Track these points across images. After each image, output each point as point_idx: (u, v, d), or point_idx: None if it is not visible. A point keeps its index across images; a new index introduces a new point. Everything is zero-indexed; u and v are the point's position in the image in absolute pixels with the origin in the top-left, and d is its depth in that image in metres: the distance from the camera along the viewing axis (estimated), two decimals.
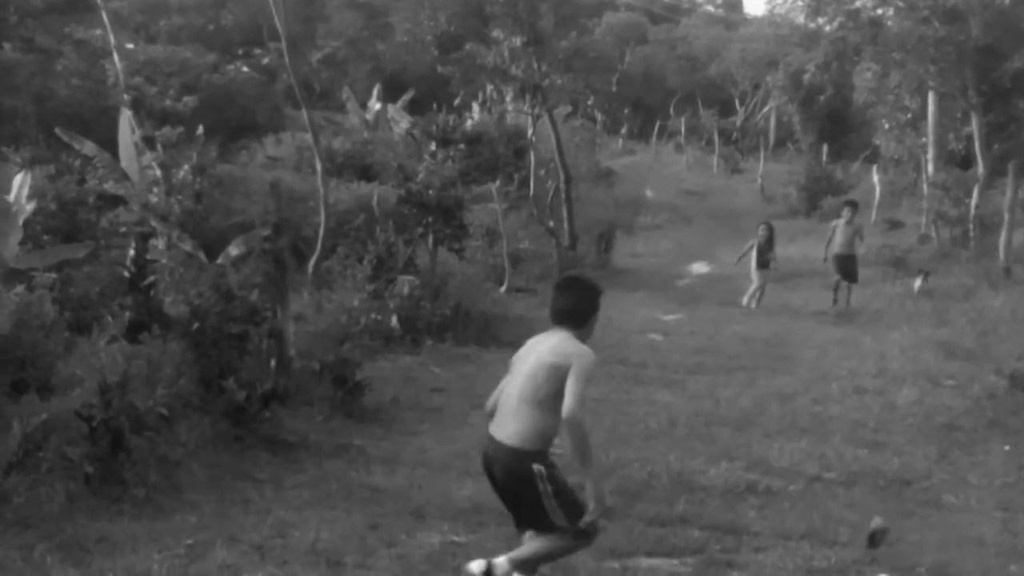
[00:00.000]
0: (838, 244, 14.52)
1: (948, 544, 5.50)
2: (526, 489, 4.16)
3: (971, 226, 17.22)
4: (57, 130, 12.26)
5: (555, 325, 4.39)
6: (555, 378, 4.12)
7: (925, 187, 20.61)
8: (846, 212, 14.93)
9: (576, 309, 4.39)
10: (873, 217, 22.98)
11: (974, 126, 18.08)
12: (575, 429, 4.03)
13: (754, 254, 14.75)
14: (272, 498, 5.81)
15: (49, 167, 10.71)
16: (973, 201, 17.19)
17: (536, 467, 4.15)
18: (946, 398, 8.86)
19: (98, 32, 17.79)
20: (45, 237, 9.68)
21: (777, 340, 11.95)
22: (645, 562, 5.05)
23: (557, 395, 4.08)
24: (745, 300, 14.69)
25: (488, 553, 5.01)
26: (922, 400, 8.79)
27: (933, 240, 18.91)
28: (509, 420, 4.23)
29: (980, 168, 17.65)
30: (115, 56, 12.36)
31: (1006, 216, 15.03)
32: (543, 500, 4.15)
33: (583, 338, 4.34)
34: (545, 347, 4.27)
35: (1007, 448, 7.50)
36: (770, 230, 14.87)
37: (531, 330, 13.49)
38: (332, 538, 5.13)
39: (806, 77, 33.70)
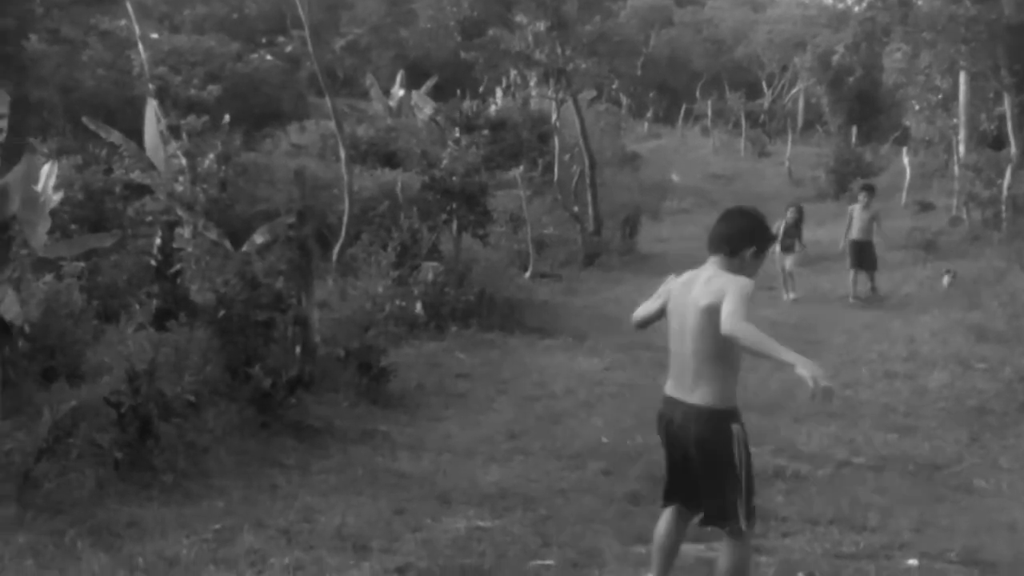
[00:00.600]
0: (855, 230, 13.91)
1: (979, 529, 5.42)
2: (720, 456, 3.84)
3: (1003, 207, 16.93)
4: (84, 119, 12.34)
5: (710, 255, 4.04)
6: (714, 326, 3.71)
7: (956, 168, 20.27)
8: (863, 197, 14.33)
9: (731, 235, 4.00)
10: (904, 199, 22.66)
11: (1006, 106, 17.76)
12: (743, 336, 3.58)
13: (780, 236, 13.73)
14: (298, 483, 5.85)
15: (76, 157, 10.82)
16: (1005, 182, 16.89)
17: (735, 427, 3.87)
18: (977, 381, 8.73)
19: (123, 22, 17.89)
20: (73, 226, 9.79)
21: (806, 324, 11.81)
22: None
23: (728, 339, 3.67)
24: (785, 294, 13.81)
25: (514, 538, 5.01)
26: (953, 384, 8.67)
27: (964, 222, 18.61)
28: (693, 380, 3.90)
29: (1012, 148, 17.36)
30: (140, 46, 12.43)
31: None
32: (735, 470, 3.84)
33: (737, 271, 3.91)
34: (696, 291, 3.90)
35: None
36: (799, 212, 14.11)
37: (555, 316, 13.47)
38: (358, 523, 5.15)
39: (835, 58, 33.28)
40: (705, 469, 3.92)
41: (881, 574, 4.75)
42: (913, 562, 4.91)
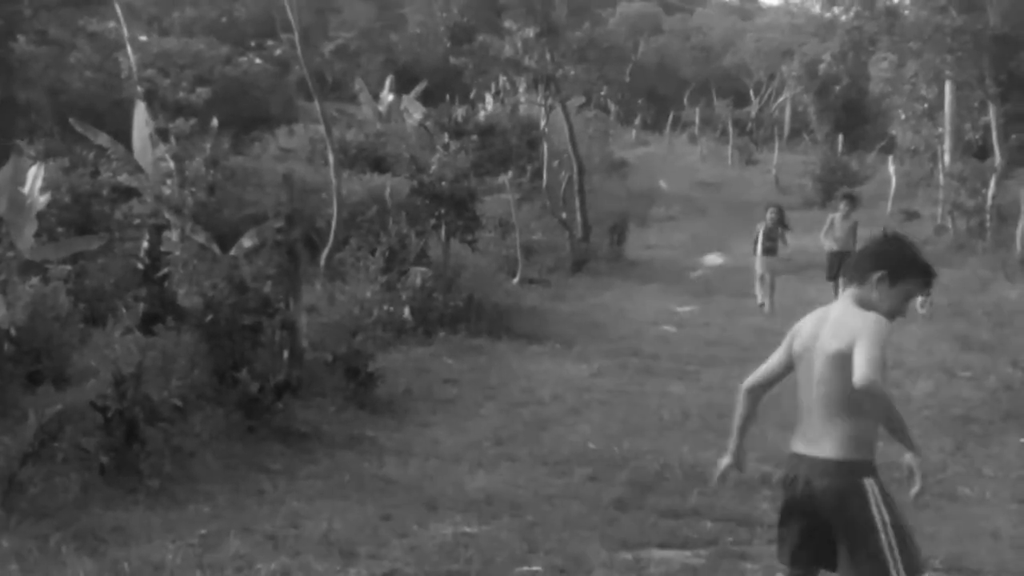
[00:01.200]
0: (835, 241, 13.42)
1: (963, 536, 5.46)
2: (856, 519, 3.24)
3: (988, 216, 17.11)
4: (72, 121, 12.28)
5: (849, 282, 3.51)
6: (840, 370, 3.27)
7: (941, 177, 20.47)
8: (843, 206, 13.93)
9: (859, 257, 3.52)
10: (889, 208, 22.84)
11: (991, 116, 17.93)
12: (874, 394, 3.16)
13: (760, 239, 13.46)
14: (285, 489, 5.83)
15: (63, 160, 10.76)
16: (990, 191, 17.07)
17: (868, 482, 3.29)
18: (962, 390, 8.80)
19: (111, 25, 17.82)
20: (59, 229, 9.72)
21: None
22: (658, 553, 5.04)
23: (845, 391, 3.28)
24: (759, 298, 13.37)
25: (500, 544, 5.02)
26: (938, 392, 8.73)
27: (949, 231, 18.79)
28: (821, 432, 3.35)
29: (997, 158, 17.52)
30: (128, 48, 12.37)
31: (1023, 207, 14.90)
32: (877, 535, 3.22)
33: (869, 304, 3.36)
34: (824, 334, 3.39)
35: (1023, 440, 7.45)
36: (779, 212, 13.56)
37: (543, 322, 13.51)
38: (345, 528, 5.14)
39: (822, 67, 33.48)
40: (843, 537, 3.29)
41: None
42: None
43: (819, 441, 3.35)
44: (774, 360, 3.61)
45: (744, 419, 3.69)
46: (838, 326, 3.36)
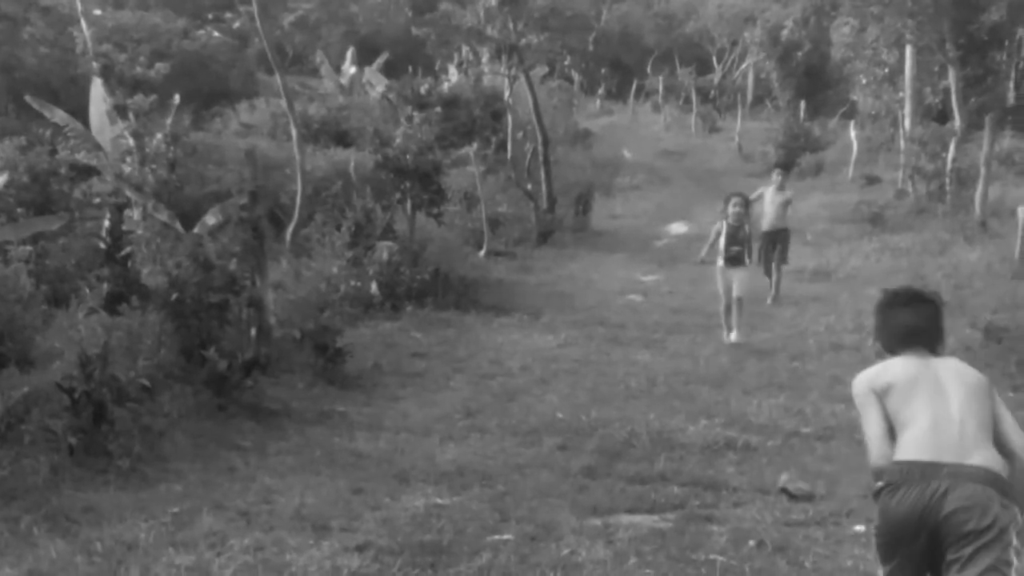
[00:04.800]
0: (767, 217, 11.72)
1: None
2: (994, 545, 2.88)
3: (947, 180, 17.34)
4: (27, 98, 12.05)
5: (908, 349, 3.28)
6: (984, 398, 3.13)
7: (902, 142, 20.69)
8: (776, 176, 12.25)
9: (939, 329, 3.35)
10: (851, 173, 23.07)
11: (951, 80, 18.13)
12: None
13: (721, 243, 9.64)
14: (256, 465, 5.85)
15: (19, 138, 10.55)
16: (949, 155, 17.29)
17: (1018, 513, 2.95)
18: None
19: None
20: (19, 210, 9.58)
21: (755, 298, 12.04)
22: (626, 519, 5.14)
23: (992, 423, 3.10)
24: (726, 331, 9.62)
25: (472, 514, 5.09)
26: None
27: (910, 195, 19.03)
28: (970, 448, 3.00)
29: (957, 122, 17.74)
30: (83, 23, 12.11)
31: (982, 170, 15.15)
32: (1006, 567, 2.89)
33: None
34: (951, 368, 3.21)
35: None
36: (746, 205, 9.82)
37: (510, 294, 13.57)
38: (317, 503, 5.18)
39: (784, 33, 33.72)
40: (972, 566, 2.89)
41: (829, 540, 4.91)
42: (860, 528, 5.07)
43: (973, 454, 3.00)
44: (880, 422, 3.17)
45: None
46: (966, 366, 3.24)
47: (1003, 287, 11.10)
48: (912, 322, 3.30)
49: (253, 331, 7.43)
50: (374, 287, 10.50)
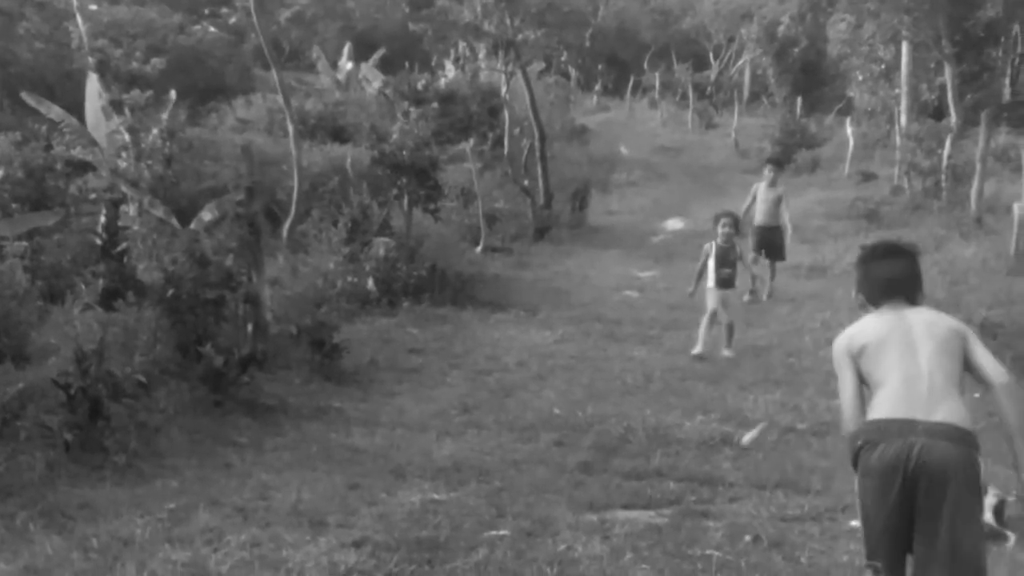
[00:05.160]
0: (759, 213, 11.60)
1: None
2: (971, 492, 3.14)
3: (943, 177, 17.36)
4: (23, 94, 12.00)
5: (888, 300, 3.46)
6: (959, 351, 3.33)
7: (898, 138, 20.70)
8: (767, 172, 11.96)
9: (915, 276, 3.53)
10: (847, 169, 23.09)
11: (947, 76, 18.13)
12: (1018, 393, 3.27)
13: (711, 265, 9.20)
14: (253, 461, 5.85)
15: (14, 134, 10.51)
16: (945, 151, 17.30)
17: (979, 458, 3.21)
18: None
19: None
20: (14, 205, 9.55)
21: (757, 287, 12.05)
22: (623, 514, 5.15)
23: (962, 371, 3.34)
24: (699, 344, 8.96)
25: (468, 509, 5.10)
26: None
27: (906, 191, 19.05)
28: (938, 397, 3.22)
29: (953, 118, 17.75)
30: (78, 18, 12.07)
31: (978, 166, 15.16)
32: (980, 512, 3.22)
33: None
34: (924, 319, 3.39)
35: (976, 395, 7.65)
36: (735, 225, 9.46)
37: (507, 290, 13.57)
38: (313, 499, 5.18)
39: (780, 29, 33.72)
40: (955, 518, 3.13)
41: (825, 536, 4.92)
42: (855, 523, 5.08)
43: (939, 409, 3.21)
44: (854, 386, 3.38)
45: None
46: (939, 316, 3.44)
47: (998, 283, 11.13)
48: (891, 274, 3.49)
49: (249, 327, 7.43)
50: (371, 283, 10.49)
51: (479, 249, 13.91)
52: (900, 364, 3.27)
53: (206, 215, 9.33)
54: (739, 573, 4.47)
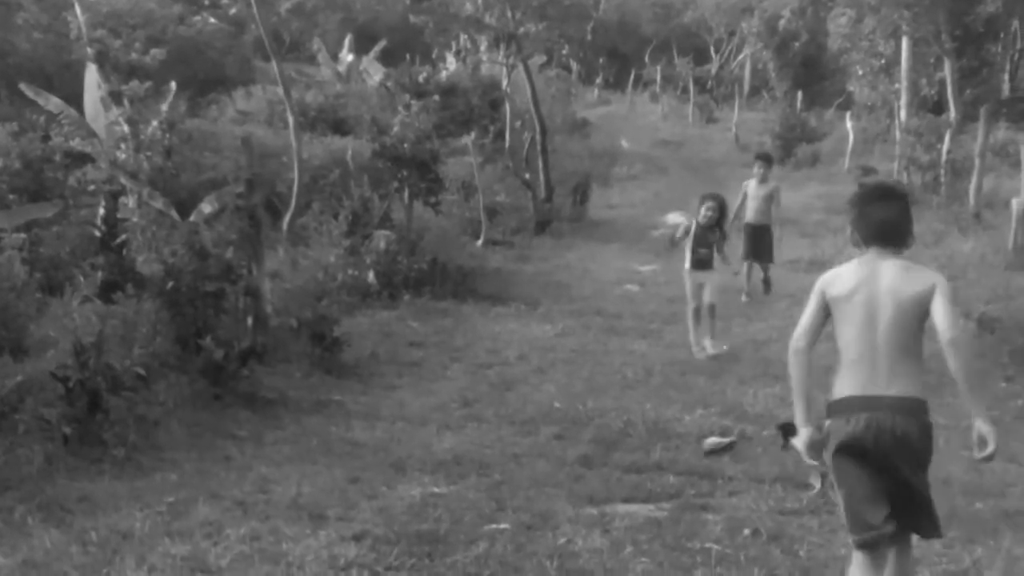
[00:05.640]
0: (749, 211, 11.06)
1: None
2: (926, 454, 3.48)
3: (942, 171, 17.35)
4: (22, 85, 11.97)
5: (876, 244, 3.58)
6: (920, 314, 3.46)
7: (898, 133, 20.68)
8: (757, 168, 11.35)
9: (908, 222, 3.63)
10: (847, 164, 23.07)
11: (947, 71, 18.10)
12: (964, 348, 3.44)
13: (688, 244, 8.96)
14: (252, 454, 5.85)
15: (12, 124, 10.48)
16: (945, 146, 17.30)
17: (930, 422, 3.50)
18: None
19: None
20: (11, 197, 9.53)
21: (751, 289, 12.05)
22: (623, 508, 5.15)
23: (920, 334, 3.49)
24: (694, 344, 8.85)
25: (468, 503, 5.10)
26: None
27: (905, 186, 19.04)
28: (893, 374, 3.45)
29: (952, 113, 17.72)
30: (77, 8, 12.04)
31: (977, 161, 15.15)
32: (922, 470, 3.49)
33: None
34: (893, 280, 3.49)
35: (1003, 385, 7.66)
36: (721, 209, 9.01)
37: (508, 283, 13.54)
38: (313, 492, 5.18)
39: (781, 23, 33.67)
40: (914, 478, 3.49)
41: (823, 529, 4.92)
42: None
43: (895, 383, 3.45)
44: (815, 316, 3.63)
45: (806, 382, 3.63)
46: (910, 277, 3.52)
47: (997, 278, 11.13)
48: (885, 216, 3.60)
49: (249, 320, 7.42)
50: (371, 276, 10.48)
51: (480, 242, 13.89)
52: (860, 339, 3.48)
53: (206, 207, 9.32)
54: (738, 566, 4.46)
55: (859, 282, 3.53)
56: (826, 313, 3.61)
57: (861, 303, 3.50)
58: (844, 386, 3.51)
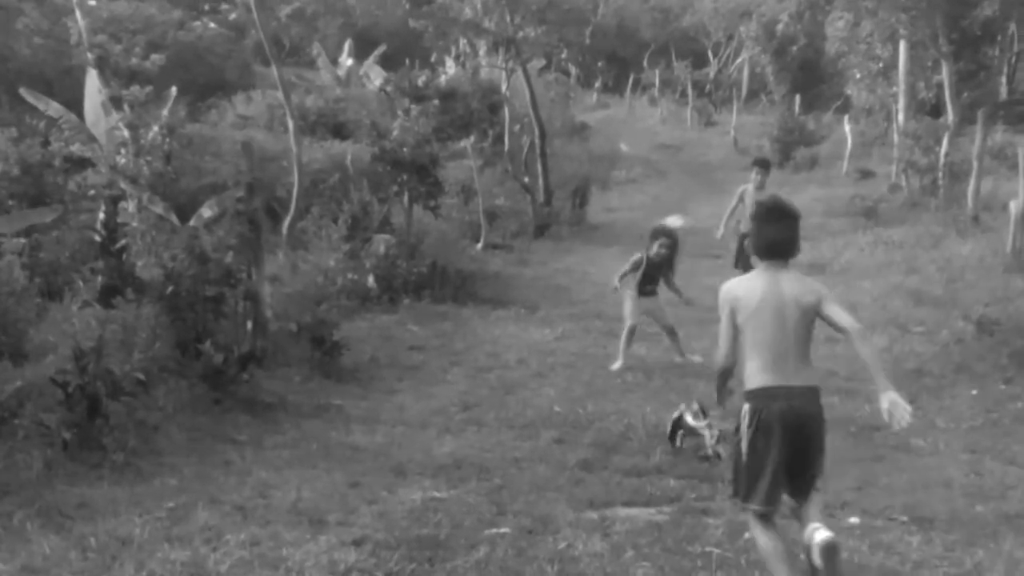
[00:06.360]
0: (745, 220, 10.11)
1: (916, 487, 5.64)
2: (820, 432, 4.13)
3: (940, 174, 17.36)
4: (22, 90, 11.99)
5: (768, 259, 4.19)
6: (814, 318, 4.11)
7: (896, 136, 20.71)
8: (755, 175, 10.99)
9: (793, 238, 4.26)
10: (845, 167, 23.10)
11: (944, 74, 18.14)
12: (868, 335, 4.24)
13: (637, 277, 8.74)
14: (252, 459, 5.84)
15: (11, 130, 10.49)
16: (943, 149, 17.31)
17: (824, 411, 4.18)
18: (915, 344, 9.02)
19: None
20: (11, 202, 9.53)
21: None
22: (623, 511, 5.15)
23: (812, 334, 4.15)
24: (620, 360, 8.51)
25: (469, 507, 5.10)
26: (892, 347, 8.94)
27: (903, 189, 19.05)
28: (798, 366, 4.07)
29: (950, 116, 17.75)
30: (77, 13, 12.06)
31: (975, 164, 15.15)
32: (823, 442, 4.14)
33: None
34: (793, 289, 4.11)
35: (974, 392, 7.67)
36: (672, 246, 8.76)
37: (507, 287, 13.53)
38: (313, 497, 5.17)
39: (779, 27, 33.75)
40: (810, 451, 4.08)
41: None
42: (855, 520, 5.10)
43: (800, 374, 4.08)
44: (729, 333, 4.20)
45: (727, 386, 4.40)
46: (805, 286, 4.17)
47: (995, 280, 11.13)
48: (778, 234, 4.21)
49: (249, 324, 7.42)
50: (371, 280, 10.48)
51: (479, 246, 13.90)
52: (774, 340, 4.06)
53: (206, 211, 9.32)
54: (739, 570, 4.46)
55: (765, 292, 4.10)
56: (737, 327, 4.15)
57: (771, 310, 4.07)
58: (761, 378, 4.06)
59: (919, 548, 4.76)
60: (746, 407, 4.07)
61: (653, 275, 8.73)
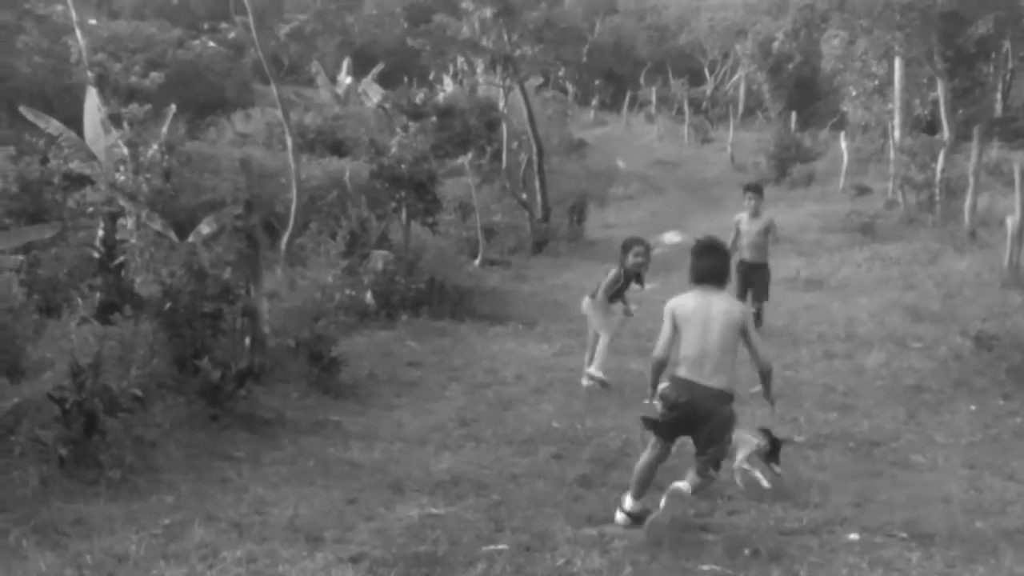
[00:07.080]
0: (744, 248, 10.15)
1: (916, 502, 5.63)
2: (721, 424, 5.08)
3: (937, 190, 17.43)
4: (22, 108, 12.03)
5: (703, 284, 5.20)
6: (737, 333, 5.08)
7: (892, 153, 20.81)
8: (748, 201, 10.31)
9: (724, 269, 5.36)
10: (841, 184, 23.18)
11: (940, 91, 18.26)
12: (771, 370, 5.37)
13: (611, 286, 8.76)
14: (249, 476, 5.82)
15: (10, 148, 10.52)
16: (939, 166, 17.39)
17: (731, 410, 5.13)
18: (913, 360, 9.02)
19: (59, 8, 17.45)
20: (9, 220, 9.55)
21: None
22: (622, 528, 5.12)
23: (736, 346, 5.10)
24: (592, 370, 8.27)
25: (467, 524, 5.08)
26: (890, 363, 8.95)
27: (900, 205, 19.12)
28: (715, 369, 5.02)
29: (946, 133, 17.86)
30: (78, 32, 12.12)
31: (971, 180, 15.22)
32: (726, 434, 5.17)
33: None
34: (722, 306, 5.12)
35: (973, 408, 7.67)
36: (647, 255, 8.86)
37: (505, 303, 13.53)
38: (310, 514, 5.15)
39: (775, 45, 33.91)
40: (708, 430, 5.08)
41: (824, 549, 4.91)
42: (854, 536, 5.08)
43: (716, 376, 5.04)
44: (669, 334, 5.20)
45: (660, 378, 5.31)
46: (731, 306, 5.23)
47: (992, 296, 11.16)
48: (710, 266, 5.26)
49: (247, 340, 7.41)
50: (369, 296, 10.47)
51: (477, 262, 13.91)
52: (698, 343, 5.06)
53: (204, 228, 9.33)
54: None
55: (697, 306, 5.14)
56: (676, 329, 5.15)
57: (699, 320, 5.09)
58: (682, 371, 5.10)
59: (919, 564, 4.75)
60: (664, 386, 5.18)
61: (627, 286, 8.85)
